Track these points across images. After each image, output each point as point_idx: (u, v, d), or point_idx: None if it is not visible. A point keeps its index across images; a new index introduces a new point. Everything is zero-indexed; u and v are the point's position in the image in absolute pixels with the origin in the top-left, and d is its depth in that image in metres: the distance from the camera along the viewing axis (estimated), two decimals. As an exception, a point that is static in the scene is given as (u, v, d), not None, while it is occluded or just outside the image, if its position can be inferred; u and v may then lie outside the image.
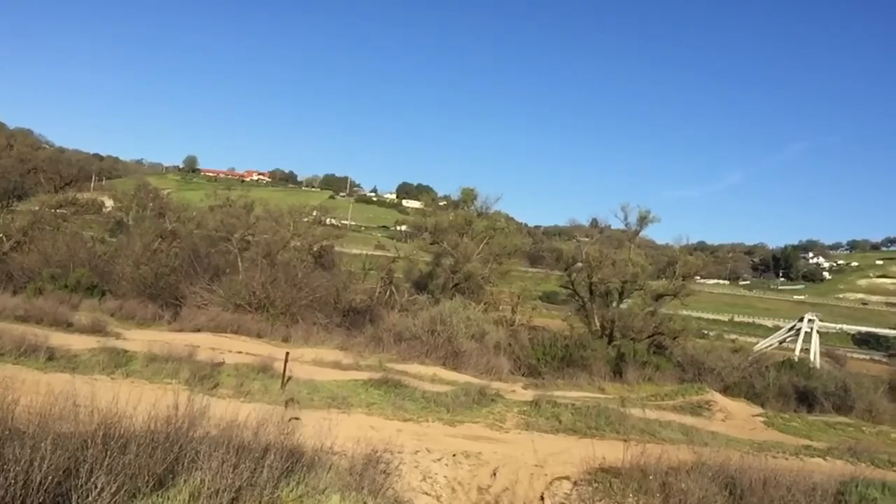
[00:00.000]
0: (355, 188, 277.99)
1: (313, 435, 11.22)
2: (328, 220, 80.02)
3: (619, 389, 32.31)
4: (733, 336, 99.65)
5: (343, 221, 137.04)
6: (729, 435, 22.67)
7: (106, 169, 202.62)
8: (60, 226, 57.16)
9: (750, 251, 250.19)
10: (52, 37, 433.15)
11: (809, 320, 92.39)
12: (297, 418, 13.83)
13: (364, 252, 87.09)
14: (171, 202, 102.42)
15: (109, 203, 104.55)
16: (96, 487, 6.28)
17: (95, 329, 26.96)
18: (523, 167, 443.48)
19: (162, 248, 50.57)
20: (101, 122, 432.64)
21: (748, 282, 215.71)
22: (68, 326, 26.56)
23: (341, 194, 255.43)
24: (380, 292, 59.38)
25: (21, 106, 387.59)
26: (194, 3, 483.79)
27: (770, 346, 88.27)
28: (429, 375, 27.04)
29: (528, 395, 25.88)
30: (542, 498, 12.67)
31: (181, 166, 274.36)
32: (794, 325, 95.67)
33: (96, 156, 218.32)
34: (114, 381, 18.53)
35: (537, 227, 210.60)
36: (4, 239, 51.79)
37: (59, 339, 22.00)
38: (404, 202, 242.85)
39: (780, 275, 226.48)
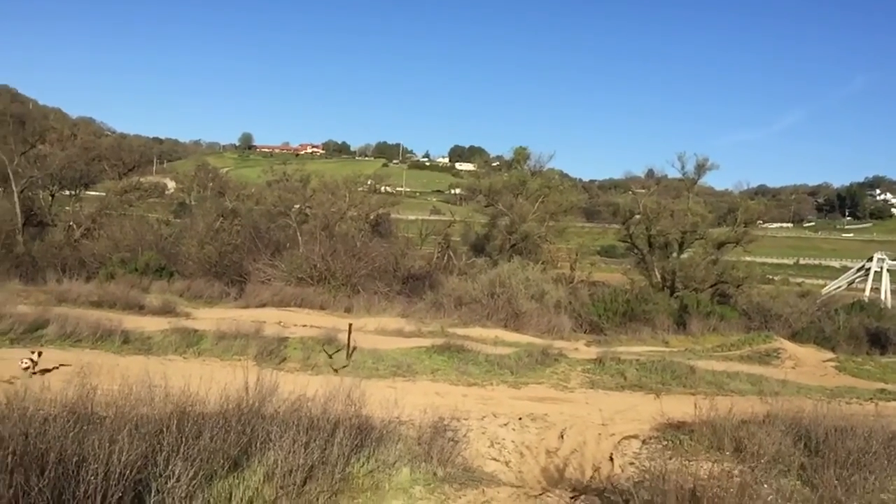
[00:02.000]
0: (408, 154, 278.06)
1: (380, 405, 11.42)
2: (383, 187, 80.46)
3: (684, 342, 31.98)
4: (799, 280, 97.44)
5: (398, 188, 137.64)
6: (799, 382, 22.27)
7: (166, 152, 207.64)
8: (127, 211, 58.69)
9: (813, 192, 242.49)
10: (103, 25, 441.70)
11: (879, 259, 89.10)
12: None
13: (420, 218, 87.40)
14: (229, 180, 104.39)
15: (171, 185, 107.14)
16: (174, 475, 6.52)
17: (166, 310, 27.69)
18: (576, 122, 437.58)
19: (224, 226, 51.54)
20: (158, 106, 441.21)
21: (813, 223, 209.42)
22: (140, 309, 27.29)
23: (394, 161, 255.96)
24: (438, 257, 59.70)
25: (82, 94, 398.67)
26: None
27: (838, 287, 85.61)
28: (491, 338, 27.13)
29: (592, 352, 25.79)
30: (610, 458, 12.65)
31: (237, 144, 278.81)
32: (863, 265, 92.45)
33: (156, 139, 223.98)
34: (186, 360, 19.13)
35: (592, 182, 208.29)
36: (75, 226, 53.45)
37: (133, 322, 22.71)
38: (457, 165, 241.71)
39: (847, 214, 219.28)
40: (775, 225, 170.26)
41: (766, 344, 28.70)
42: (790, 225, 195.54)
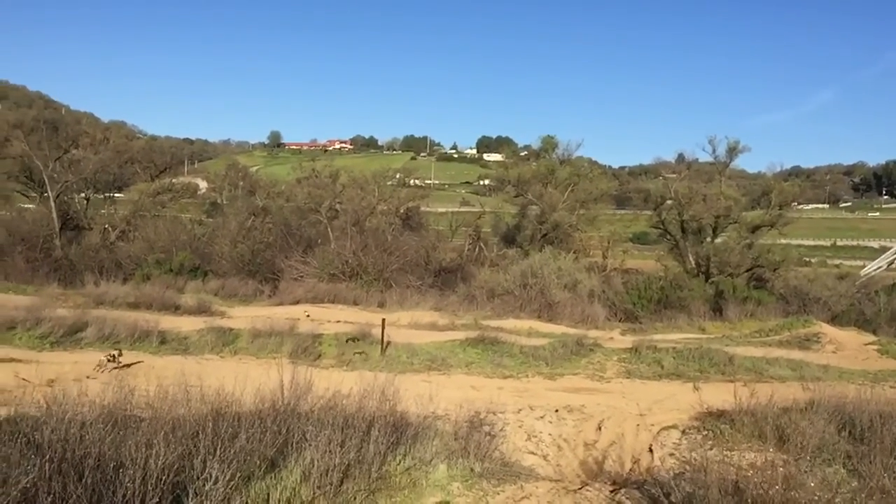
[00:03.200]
0: (435, 147, 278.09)
1: (416, 399, 11.37)
2: (412, 181, 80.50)
3: (721, 328, 31.53)
4: (837, 261, 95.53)
5: (426, 181, 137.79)
6: (841, 367, 21.82)
7: (197, 152, 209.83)
8: (160, 212, 59.25)
9: (849, 171, 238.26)
10: (132, 30, 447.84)
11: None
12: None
13: (450, 210, 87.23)
14: (259, 179, 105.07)
15: (203, 185, 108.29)
16: (211, 477, 6.52)
17: (201, 310, 27.88)
18: (603, 109, 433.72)
19: (256, 224, 51.84)
20: (188, 107, 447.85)
21: (849, 203, 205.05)
22: (176, 309, 27.49)
23: (422, 154, 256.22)
24: (469, 249, 59.60)
25: (113, 98, 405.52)
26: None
27: (878, 268, 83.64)
28: (525, 329, 26.96)
29: (627, 341, 25.51)
30: (650, 450, 12.48)
31: (266, 142, 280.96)
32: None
33: (186, 140, 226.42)
34: (223, 359, 19.27)
35: (622, 169, 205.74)
36: (110, 229, 54.18)
37: (169, 323, 22.91)
38: (485, 156, 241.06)
39: (884, 193, 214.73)
40: (811, 206, 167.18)
41: (806, 328, 28.14)
42: (826, 206, 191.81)
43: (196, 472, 6.60)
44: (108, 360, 16.55)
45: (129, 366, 16.92)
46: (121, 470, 6.23)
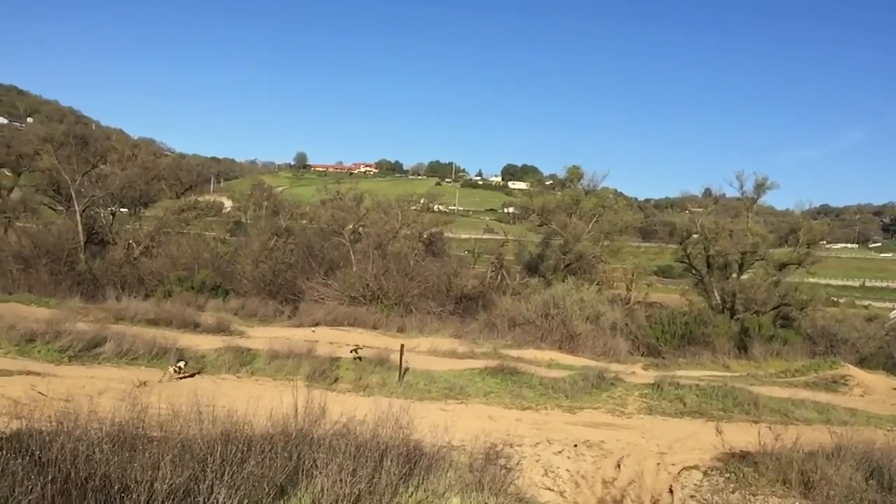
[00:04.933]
0: (461, 173, 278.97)
1: (431, 428, 11.13)
2: (436, 206, 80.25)
3: (746, 367, 30.97)
4: (866, 302, 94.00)
5: (450, 207, 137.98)
6: (869, 412, 21.28)
7: (223, 171, 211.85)
8: (184, 229, 59.45)
9: (879, 211, 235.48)
10: (167, 46, 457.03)
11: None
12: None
13: (472, 237, 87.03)
14: (284, 199, 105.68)
15: (228, 204, 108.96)
16: (218, 503, 6.31)
17: (220, 328, 27.87)
18: (630, 140, 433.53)
19: (278, 245, 51.91)
20: (216, 126, 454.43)
21: (879, 244, 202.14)
22: (195, 327, 27.51)
23: (447, 180, 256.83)
24: (491, 277, 59.27)
25: (143, 115, 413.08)
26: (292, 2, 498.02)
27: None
28: (545, 361, 26.64)
29: (649, 376, 25.06)
30: (670, 490, 12.12)
31: (292, 163, 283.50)
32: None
33: (213, 159, 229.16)
34: (239, 380, 19.15)
35: (647, 201, 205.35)
36: (134, 245, 54.43)
37: (188, 340, 22.88)
38: (510, 184, 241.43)
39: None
40: (839, 245, 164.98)
41: (833, 370, 27.53)
42: (855, 245, 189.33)
43: (203, 497, 6.40)
44: (175, 373, 17.84)
45: (192, 375, 18.44)
46: (126, 493, 6.05)
